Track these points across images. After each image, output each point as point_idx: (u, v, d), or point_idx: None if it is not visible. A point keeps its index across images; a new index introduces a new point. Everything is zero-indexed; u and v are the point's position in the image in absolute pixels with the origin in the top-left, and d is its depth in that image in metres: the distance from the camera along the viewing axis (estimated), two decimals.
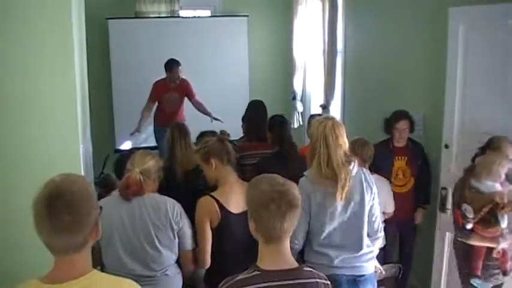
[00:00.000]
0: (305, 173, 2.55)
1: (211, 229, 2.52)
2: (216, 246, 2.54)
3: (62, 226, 1.34)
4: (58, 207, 1.34)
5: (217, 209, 2.50)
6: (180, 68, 5.39)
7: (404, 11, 4.21)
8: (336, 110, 5.46)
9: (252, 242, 2.56)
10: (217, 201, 2.52)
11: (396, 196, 3.65)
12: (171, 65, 5.37)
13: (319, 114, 4.87)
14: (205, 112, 5.65)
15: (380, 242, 2.65)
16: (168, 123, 4.89)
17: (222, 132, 2.81)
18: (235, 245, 2.54)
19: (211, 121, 5.42)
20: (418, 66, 4.03)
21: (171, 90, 5.50)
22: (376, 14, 4.67)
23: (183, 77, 5.52)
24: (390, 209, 3.51)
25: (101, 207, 1.50)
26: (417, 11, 4.01)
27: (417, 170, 3.77)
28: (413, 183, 3.80)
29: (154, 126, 5.72)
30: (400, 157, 3.78)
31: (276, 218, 1.64)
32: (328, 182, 2.43)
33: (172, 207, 2.48)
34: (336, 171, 2.42)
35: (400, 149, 3.79)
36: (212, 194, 2.56)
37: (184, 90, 5.57)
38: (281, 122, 3.61)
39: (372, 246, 2.59)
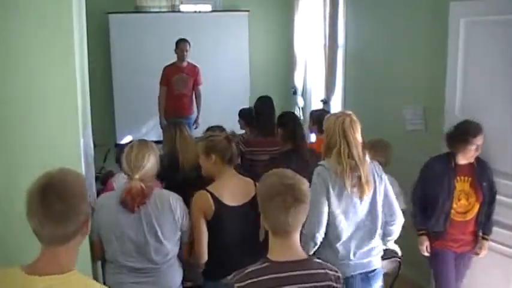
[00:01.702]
0: (321, 162, 2.53)
1: (207, 221, 2.55)
2: (213, 239, 2.57)
3: (53, 215, 1.39)
4: (51, 196, 1.39)
5: (211, 202, 2.52)
6: (187, 44, 5.50)
7: (405, 5, 4.20)
8: (336, 105, 5.46)
9: (250, 236, 2.59)
10: (211, 194, 2.54)
11: (456, 224, 3.10)
12: (179, 40, 5.52)
13: (322, 110, 4.87)
14: (198, 106, 5.82)
15: (399, 228, 2.60)
16: (176, 112, 4.95)
17: (232, 134, 2.84)
18: (232, 237, 2.56)
19: (194, 124, 5.63)
20: (419, 61, 4.03)
21: (180, 72, 5.60)
22: (377, 9, 4.66)
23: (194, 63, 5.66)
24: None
25: (93, 208, 1.53)
26: (418, 5, 4.02)
27: (483, 193, 3.08)
28: (478, 210, 3.10)
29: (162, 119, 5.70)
30: (463, 177, 3.08)
31: (281, 211, 1.65)
32: (348, 174, 2.43)
33: (175, 202, 2.50)
34: (358, 165, 2.44)
35: (464, 167, 3.08)
36: (207, 188, 2.59)
37: (194, 74, 5.69)
38: (293, 118, 3.68)
39: (381, 242, 2.61)
